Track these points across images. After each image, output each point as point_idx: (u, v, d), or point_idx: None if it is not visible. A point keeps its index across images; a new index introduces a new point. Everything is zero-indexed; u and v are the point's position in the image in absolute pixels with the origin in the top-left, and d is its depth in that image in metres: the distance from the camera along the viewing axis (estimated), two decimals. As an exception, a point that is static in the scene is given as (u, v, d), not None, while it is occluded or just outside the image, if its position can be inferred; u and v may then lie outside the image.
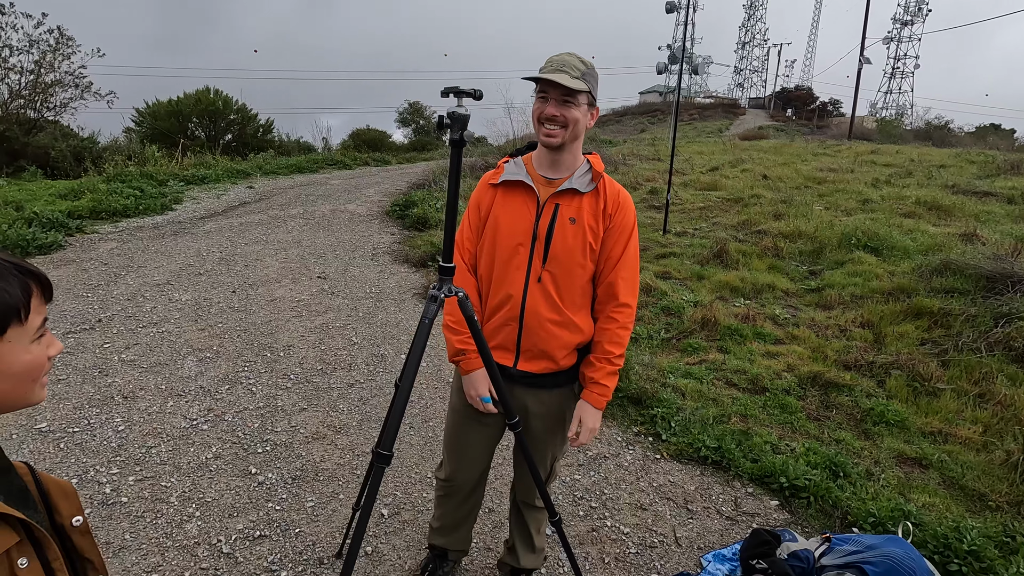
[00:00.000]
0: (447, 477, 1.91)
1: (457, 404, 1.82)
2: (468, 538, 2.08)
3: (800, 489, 2.83)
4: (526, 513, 1.96)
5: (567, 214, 1.61)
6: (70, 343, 3.88)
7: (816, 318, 5.03)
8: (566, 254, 1.61)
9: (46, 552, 0.81)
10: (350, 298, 5.06)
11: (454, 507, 1.96)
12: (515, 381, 1.71)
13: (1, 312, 0.73)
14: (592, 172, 1.64)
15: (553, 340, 1.65)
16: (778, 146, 17.39)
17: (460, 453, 1.85)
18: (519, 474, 1.94)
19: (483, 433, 1.81)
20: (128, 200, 8.31)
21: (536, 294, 1.62)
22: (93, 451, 2.75)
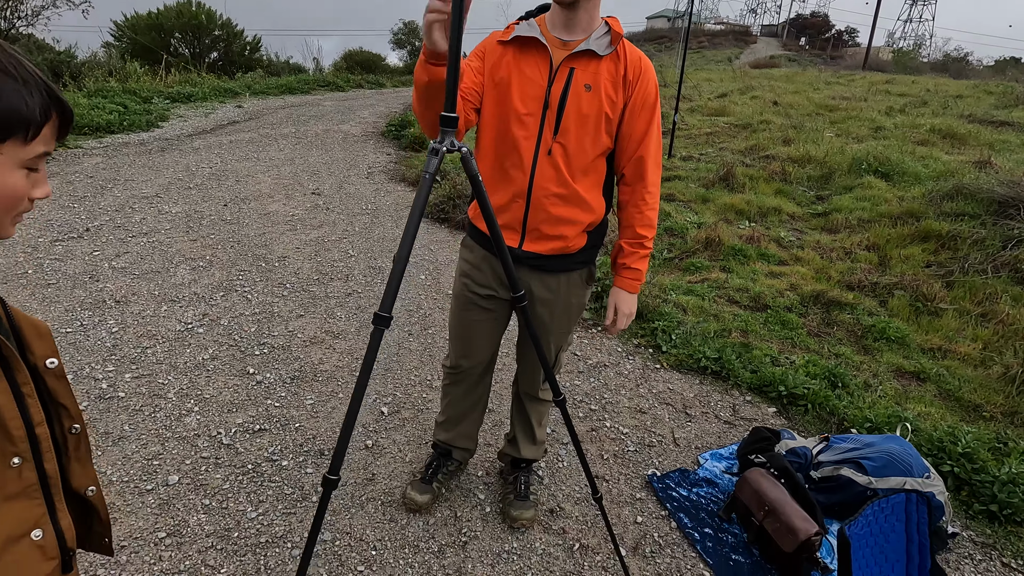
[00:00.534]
0: (454, 364, 1.86)
1: (460, 290, 1.75)
2: (474, 437, 2.04)
3: (798, 397, 2.84)
4: (528, 405, 1.94)
5: (582, 80, 1.45)
6: (58, 250, 3.77)
7: (821, 241, 4.94)
8: (580, 124, 1.47)
9: (15, 374, 0.74)
10: (346, 214, 4.93)
11: (461, 395, 1.92)
12: (520, 263, 1.60)
13: (8, 118, 0.64)
14: (611, 34, 1.48)
15: (563, 218, 1.55)
16: (790, 74, 16.68)
17: (466, 339, 1.79)
18: (522, 366, 1.90)
19: (487, 316, 1.74)
20: (112, 116, 7.95)
21: (545, 168, 1.50)
22: (87, 350, 2.71)
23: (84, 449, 0.93)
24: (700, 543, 1.96)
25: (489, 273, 1.67)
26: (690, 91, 12.35)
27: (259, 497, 1.98)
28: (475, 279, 1.69)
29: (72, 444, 0.91)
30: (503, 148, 1.52)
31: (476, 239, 1.70)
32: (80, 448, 0.93)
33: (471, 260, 1.71)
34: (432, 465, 2.03)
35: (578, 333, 3.35)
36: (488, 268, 1.67)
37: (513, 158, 1.51)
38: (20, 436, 0.74)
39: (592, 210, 1.58)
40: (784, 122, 8.75)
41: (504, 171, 1.54)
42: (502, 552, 1.85)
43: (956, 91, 12.65)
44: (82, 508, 0.97)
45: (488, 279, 1.68)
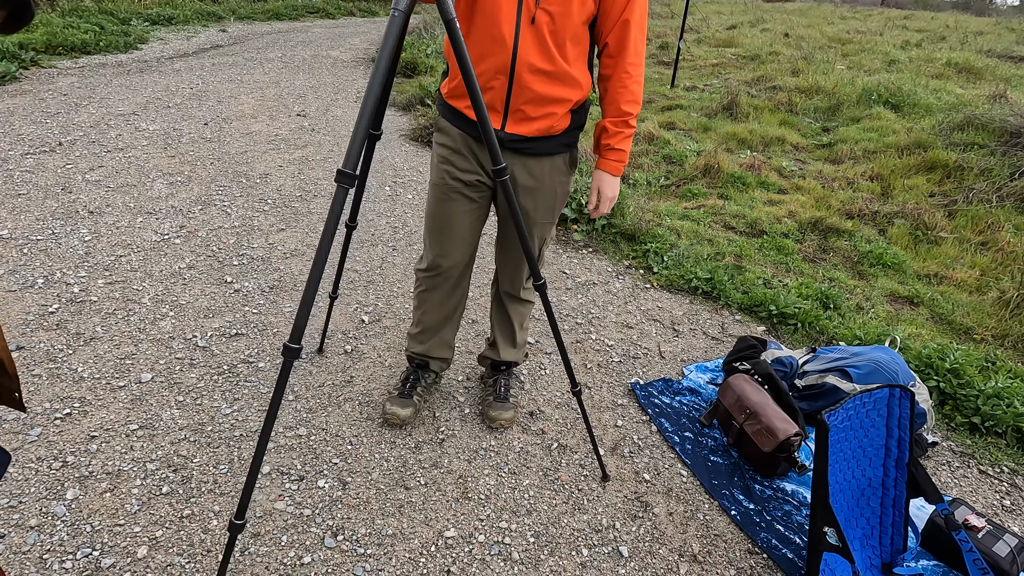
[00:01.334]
0: (430, 265, 1.72)
1: (437, 177, 1.62)
2: (451, 344, 1.93)
3: (788, 316, 2.79)
4: (509, 306, 1.86)
5: None
6: (29, 163, 3.62)
7: (824, 171, 4.79)
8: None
9: None
10: (331, 135, 4.73)
11: (438, 302, 1.79)
12: (503, 147, 1.47)
13: None
14: None
15: (549, 96, 1.42)
16: (804, 8, 15.89)
17: (445, 233, 1.65)
18: (503, 264, 1.80)
19: (467, 207, 1.62)
20: (87, 35, 7.54)
21: (528, 40, 1.35)
22: (59, 257, 2.63)
23: None
24: (679, 445, 1.95)
25: (471, 157, 1.55)
26: (698, 23, 11.77)
27: (234, 396, 1.95)
28: (457, 165, 1.56)
29: None
30: (480, 17, 1.37)
31: (452, 120, 1.56)
32: None
33: (449, 144, 1.57)
34: (409, 379, 1.93)
35: (567, 252, 3.27)
36: (468, 151, 1.55)
37: (492, 29, 1.35)
38: None
39: (580, 85, 1.45)
40: (794, 53, 8.36)
41: (482, 44, 1.38)
42: (479, 449, 1.84)
43: (977, 28, 12.08)
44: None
45: (471, 163, 1.56)
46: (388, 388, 2.04)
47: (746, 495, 1.77)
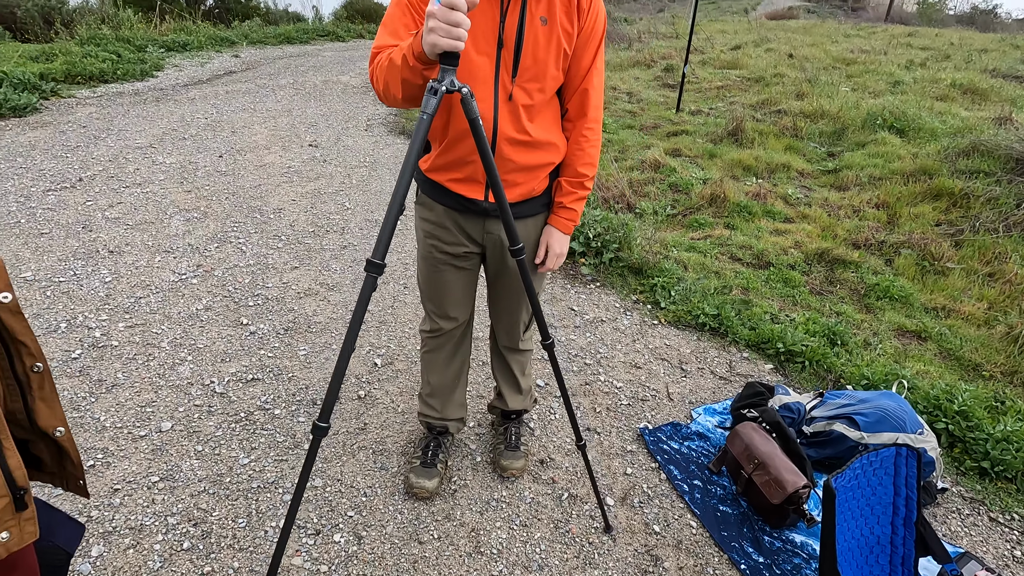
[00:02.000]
0: (431, 328, 1.77)
1: (425, 251, 1.65)
2: (464, 403, 1.96)
3: (796, 354, 2.81)
4: (509, 358, 1.90)
5: (537, 12, 1.32)
6: (51, 200, 3.72)
7: (830, 198, 4.82)
8: (538, 64, 1.35)
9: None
10: (343, 166, 4.83)
11: (443, 362, 1.83)
12: (488, 215, 1.53)
13: None
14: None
15: (530, 165, 1.46)
16: (808, 26, 16.00)
17: (440, 298, 1.70)
18: (498, 320, 1.83)
19: (458, 275, 1.67)
20: (105, 64, 7.74)
21: (506, 115, 1.37)
22: (81, 299, 2.70)
23: (49, 388, 0.91)
24: (688, 494, 1.97)
25: (455, 230, 1.57)
26: (702, 43, 11.89)
27: (251, 444, 1.99)
28: (442, 239, 1.59)
29: (36, 383, 0.89)
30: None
31: (433, 196, 1.56)
32: (45, 387, 0.91)
33: (433, 220, 1.59)
34: (430, 447, 1.92)
35: (575, 287, 3.31)
36: (453, 224, 1.57)
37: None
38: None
39: (557, 149, 1.50)
40: (798, 75, 8.43)
41: (462, 121, 1.37)
42: (491, 500, 1.87)
43: (981, 44, 12.11)
44: (54, 448, 0.96)
45: (456, 236, 1.58)
46: (405, 447, 2.05)
47: (755, 547, 1.79)
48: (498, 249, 1.60)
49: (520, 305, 1.74)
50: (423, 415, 1.93)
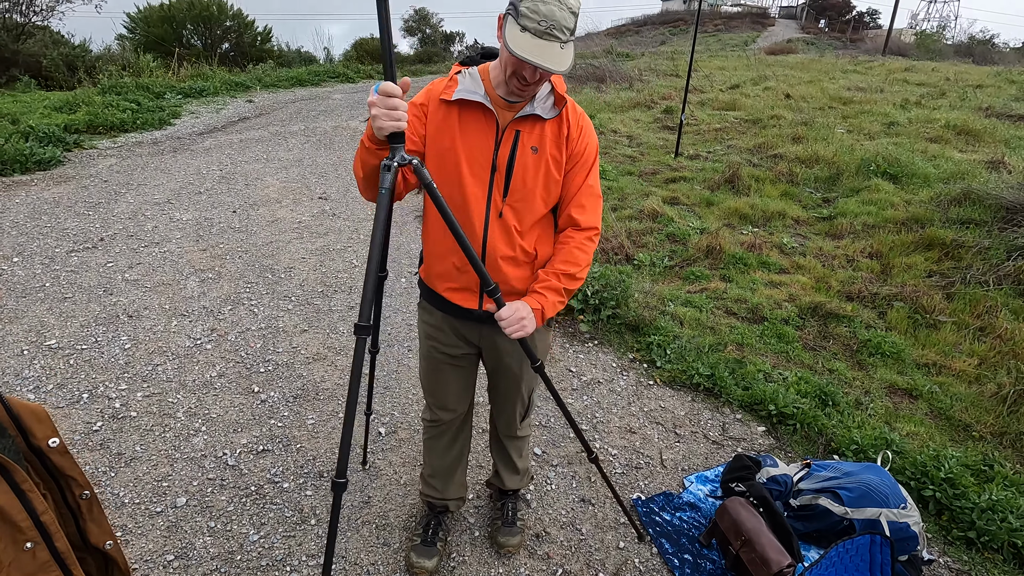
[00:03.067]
0: (434, 418, 1.88)
1: (426, 351, 1.77)
2: (464, 484, 2.03)
3: (787, 416, 2.89)
4: (507, 443, 2.00)
5: (529, 142, 1.46)
6: (74, 262, 3.91)
7: (824, 247, 4.93)
8: (527, 187, 1.48)
9: (13, 475, 0.85)
10: (351, 220, 5.01)
11: (444, 448, 1.92)
12: (483, 322, 1.64)
13: None
14: (555, 96, 1.47)
15: (518, 277, 1.57)
16: (806, 62, 16.34)
17: (440, 394, 1.82)
18: (496, 410, 1.95)
19: (457, 373, 1.78)
20: (125, 114, 8.10)
21: (496, 231, 1.50)
22: (102, 367, 2.85)
23: (97, 510, 1.05)
24: (679, 569, 2.04)
25: (452, 333, 1.70)
26: (702, 82, 12.19)
27: (261, 520, 2.10)
28: (441, 341, 1.71)
29: (85, 508, 1.04)
30: (454, 212, 1.45)
31: (432, 302, 1.69)
32: (93, 510, 1.05)
33: (432, 323, 1.72)
34: (431, 525, 2.00)
35: (574, 346, 3.42)
36: (449, 328, 1.69)
37: (464, 222, 1.49)
38: (28, 526, 0.86)
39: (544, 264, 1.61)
40: (795, 117, 8.63)
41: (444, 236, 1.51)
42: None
43: (977, 79, 12.32)
44: (103, 560, 1.10)
45: (453, 339, 1.70)
46: (407, 522, 2.15)
47: (742, 626, 1.85)
48: (494, 351, 1.72)
49: (516, 399, 1.85)
50: (425, 494, 2.02)
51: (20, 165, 5.80)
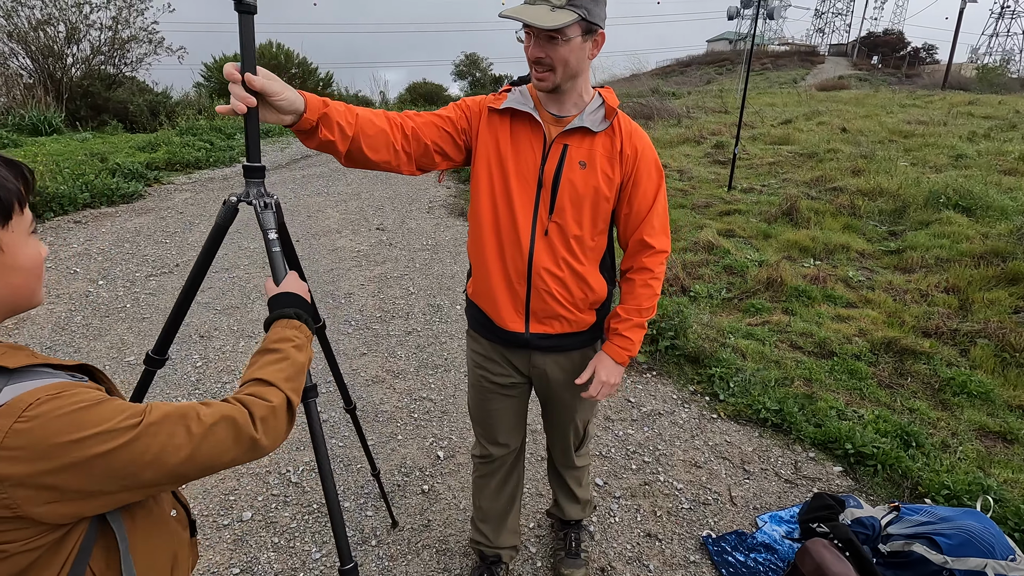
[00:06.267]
0: (482, 453, 1.79)
1: (475, 380, 1.70)
2: (517, 531, 1.92)
3: (867, 457, 2.70)
4: (564, 473, 1.93)
5: (577, 157, 1.39)
6: (152, 285, 4.15)
7: (894, 281, 4.69)
8: (575, 203, 1.41)
9: None
10: (407, 249, 5.14)
11: (495, 490, 1.82)
12: (530, 347, 1.56)
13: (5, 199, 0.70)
14: (605, 108, 1.41)
15: (564, 299, 1.49)
16: (860, 97, 16.01)
17: (490, 427, 1.73)
18: (550, 440, 1.88)
19: (507, 403, 1.69)
20: (199, 153, 8.70)
21: (542, 249, 1.44)
22: (175, 383, 2.97)
23: None
24: (757, 614, 1.90)
25: (502, 362, 1.63)
26: (752, 117, 12.09)
27: (323, 538, 2.09)
28: (491, 370, 1.65)
29: None
30: (502, 226, 1.46)
31: (479, 330, 1.64)
32: None
33: (481, 352, 1.66)
34: None
35: (631, 376, 3.34)
36: (499, 357, 1.63)
37: (511, 237, 1.45)
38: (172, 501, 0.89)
39: (593, 290, 1.51)
40: (853, 151, 8.40)
41: (504, 249, 1.47)
42: (552, 610, 1.87)
43: (1051, 112, 11.74)
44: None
45: (504, 368, 1.64)
46: (467, 549, 2.09)
47: None
48: (544, 381, 1.64)
49: (569, 429, 1.78)
50: (475, 541, 1.91)
51: (107, 198, 6.28)
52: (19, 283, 0.73)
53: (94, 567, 0.73)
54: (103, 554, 0.74)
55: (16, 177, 0.72)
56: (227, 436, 0.76)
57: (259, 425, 0.79)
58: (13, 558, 0.65)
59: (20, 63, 12.39)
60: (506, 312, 1.51)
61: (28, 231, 0.75)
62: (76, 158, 7.71)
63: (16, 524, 0.63)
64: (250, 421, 0.79)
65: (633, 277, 1.53)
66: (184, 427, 0.72)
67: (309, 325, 1.02)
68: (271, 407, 0.82)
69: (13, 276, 0.72)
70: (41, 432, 0.62)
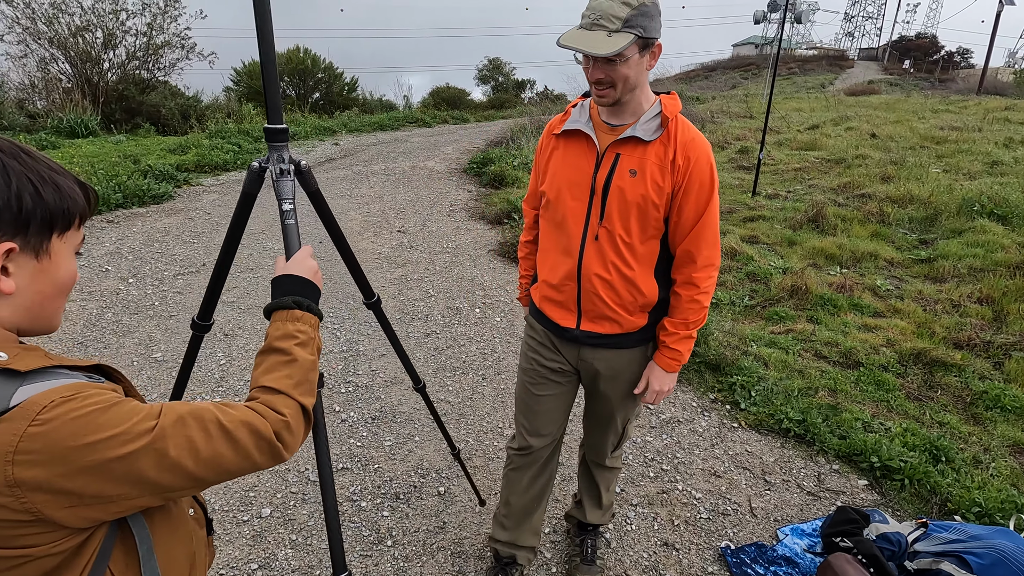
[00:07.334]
0: (521, 446, 1.81)
1: (526, 364, 1.76)
2: (537, 532, 1.92)
3: (893, 471, 2.62)
4: (595, 471, 1.93)
5: (627, 165, 1.43)
6: (179, 284, 4.25)
7: (924, 291, 4.56)
8: (624, 210, 1.45)
9: None
10: (428, 252, 5.18)
11: (526, 484, 1.83)
12: (581, 343, 1.62)
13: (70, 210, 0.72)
14: (661, 116, 1.43)
15: (612, 301, 1.53)
16: (891, 102, 15.65)
17: (534, 414, 1.76)
18: (589, 435, 1.88)
19: (555, 390, 1.73)
20: (228, 155, 8.90)
21: (592, 253, 1.51)
22: (200, 381, 3.03)
23: None
24: (777, 629, 1.85)
25: (555, 350, 1.69)
26: (777, 122, 11.90)
27: (340, 536, 2.11)
28: (543, 355, 1.71)
29: None
30: (557, 231, 1.57)
31: (538, 319, 1.71)
32: None
33: (536, 338, 1.73)
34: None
35: (651, 384, 3.30)
36: (552, 345, 1.69)
37: (563, 241, 1.55)
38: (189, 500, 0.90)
39: (642, 293, 1.54)
40: (883, 157, 8.22)
41: (557, 252, 1.57)
42: (566, 617, 1.85)
43: (1093, 118, 11.32)
44: None
45: (556, 355, 1.69)
46: (482, 551, 2.10)
47: None
48: (591, 374, 1.67)
49: (609, 427, 1.79)
50: (493, 539, 1.93)
51: (139, 199, 6.45)
52: (49, 294, 0.74)
53: (113, 568, 0.72)
54: (122, 555, 0.74)
55: (84, 197, 0.75)
56: (248, 442, 0.75)
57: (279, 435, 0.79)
58: (38, 561, 0.65)
59: (60, 68, 12.85)
60: (557, 310, 1.62)
61: (75, 249, 0.77)
62: (110, 160, 7.96)
63: (39, 528, 0.63)
64: (270, 429, 0.78)
65: (680, 292, 1.55)
66: (202, 430, 0.71)
67: (313, 310, 0.97)
68: (284, 421, 0.80)
69: (47, 285, 0.73)
70: (56, 435, 0.61)
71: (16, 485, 0.60)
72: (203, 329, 1.27)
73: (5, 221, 0.66)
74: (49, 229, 0.70)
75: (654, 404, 1.63)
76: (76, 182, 0.74)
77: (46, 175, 0.70)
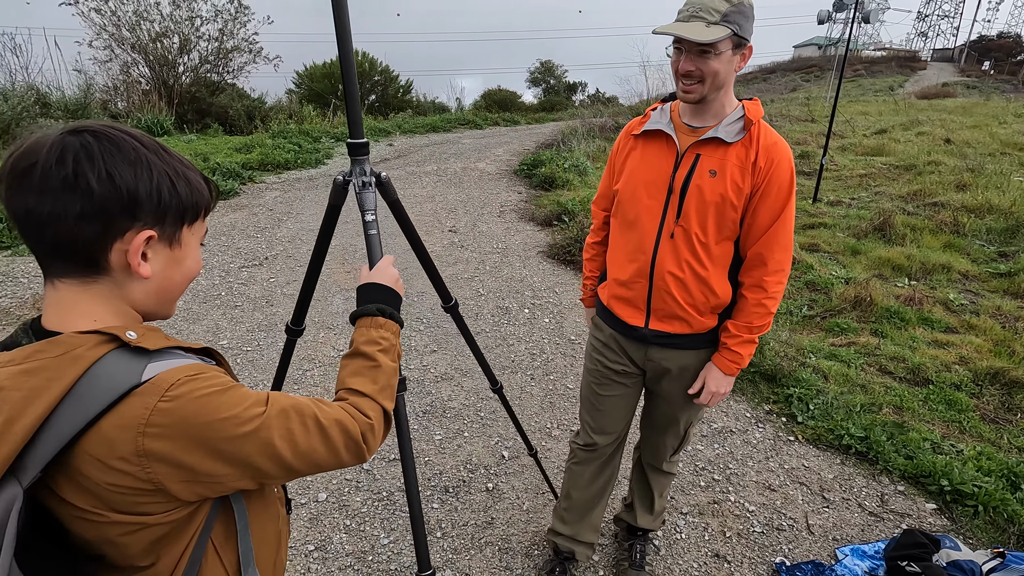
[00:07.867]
0: (586, 442, 1.83)
1: (591, 365, 1.77)
2: (597, 528, 1.95)
3: (965, 495, 2.47)
4: (650, 475, 1.91)
5: (707, 166, 1.43)
6: (244, 276, 4.47)
7: (1003, 307, 4.27)
8: (702, 209, 1.44)
9: None
10: (478, 252, 5.24)
11: (589, 478, 1.86)
12: (649, 342, 1.62)
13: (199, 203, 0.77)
14: (744, 119, 1.43)
15: (684, 300, 1.52)
16: (967, 106, 14.71)
17: (599, 413, 1.78)
18: (647, 437, 1.87)
19: (619, 391, 1.74)
20: (289, 154, 9.28)
21: (666, 251, 1.50)
22: (262, 368, 3.18)
23: None
24: (834, 652, 1.78)
25: (618, 350, 1.70)
26: (842, 126, 11.39)
27: (391, 525, 2.17)
28: (607, 356, 1.72)
29: None
30: (629, 230, 1.57)
31: (604, 318, 1.73)
32: None
33: (601, 338, 1.74)
34: (555, 572, 1.95)
35: (703, 392, 3.23)
36: (617, 346, 1.70)
37: (636, 238, 1.55)
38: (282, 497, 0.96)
39: (715, 294, 1.52)
40: (958, 164, 7.73)
41: (628, 250, 1.58)
42: (613, 621, 1.84)
43: None
44: None
45: (621, 357, 1.70)
46: (529, 549, 2.12)
47: None
48: (657, 374, 1.67)
49: (666, 431, 1.77)
50: (553, 532, 1.95)
51: (207, 194, 6.82)
52: (175, 280, 0.79)
53: (214, 540, 0.78)
54: (222, 529, 0.79)
55: (208, 190, 0.81)
56: (339, 441, 0.79)
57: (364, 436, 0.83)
58: (151, 528, 0.70)
59: (140, 72, 13.72)
60: (626, 308, 1.63)
61: (200, 240, 0.83)
62: (183, 158, 8.43)
63: (157, 497, 0.68)
64: (358, 430, 0.82)
65: (747, 295, 1.52)
66: (302, 424, 0.75)
67: (395, 318, 1.02)
68: (370, 424, 0.84)
69: (175, 272, 0.78)
70: (183, 412, 0.66)
71: (144, 455, 0.65)
72: (296, 333, 1.40)
73: (147, 211, 0.71)
74: (181, 220, 0.76)
75: (710, 405, 1.59)
76: (202, 177, 0.80)
77: (179, 170, 0.75)
